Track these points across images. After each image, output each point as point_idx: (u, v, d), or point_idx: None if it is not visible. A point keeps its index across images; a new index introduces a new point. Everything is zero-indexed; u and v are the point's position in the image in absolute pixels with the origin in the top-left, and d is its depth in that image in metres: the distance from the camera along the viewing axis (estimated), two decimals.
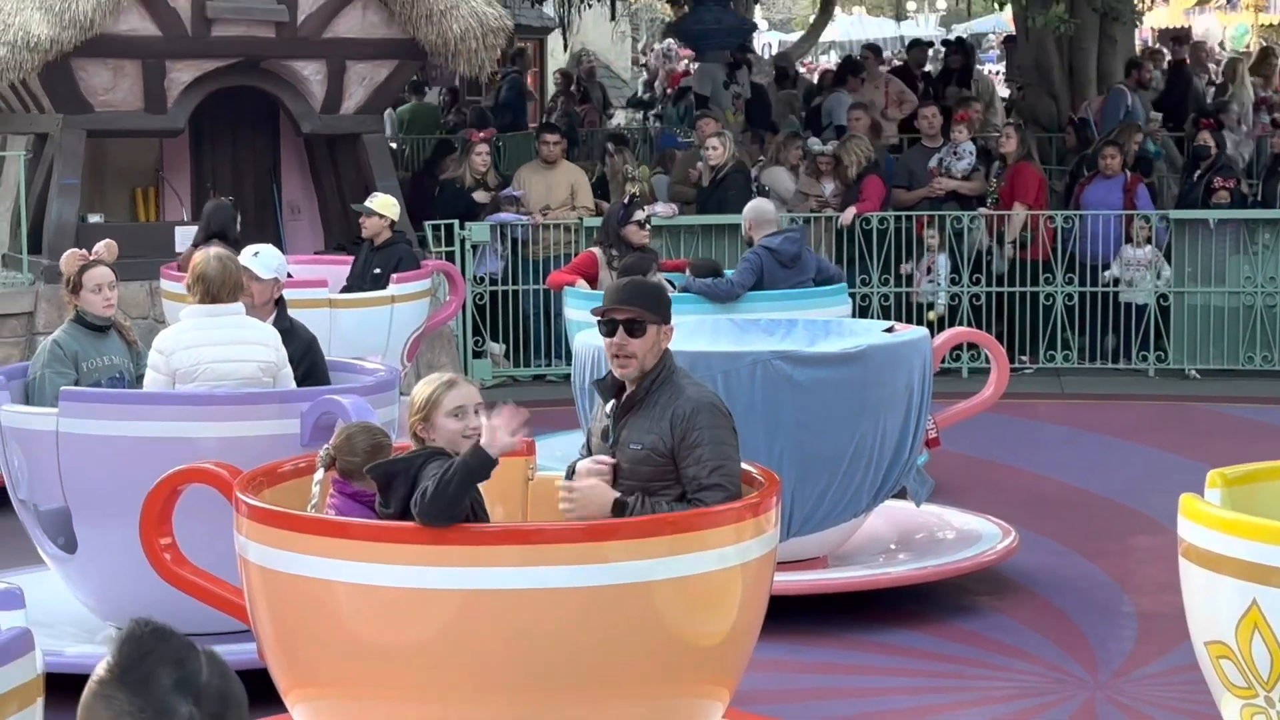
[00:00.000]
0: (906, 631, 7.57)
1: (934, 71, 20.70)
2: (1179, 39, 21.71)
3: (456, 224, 13.53)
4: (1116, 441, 11.61)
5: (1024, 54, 18.72)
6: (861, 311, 13.12)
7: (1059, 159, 17.23)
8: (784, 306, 9.56)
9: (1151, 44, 24.65)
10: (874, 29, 40.42)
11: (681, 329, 6.18)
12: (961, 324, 13.17)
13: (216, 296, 7.05)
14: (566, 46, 27.84)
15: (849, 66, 18.86)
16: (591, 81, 23.85)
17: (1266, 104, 18.72)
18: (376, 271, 10.99)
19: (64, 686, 4.31)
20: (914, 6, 46.54)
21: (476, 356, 13.72)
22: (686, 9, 21.52)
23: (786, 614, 6.99)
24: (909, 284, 13.93)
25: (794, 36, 34.97)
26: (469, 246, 13.59)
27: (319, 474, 5.55)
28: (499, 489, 5.58)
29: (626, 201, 11.10)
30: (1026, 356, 13.82)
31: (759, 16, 35.26)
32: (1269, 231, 13.60)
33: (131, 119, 12.51)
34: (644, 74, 31.09)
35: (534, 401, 12.05)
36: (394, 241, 11.19)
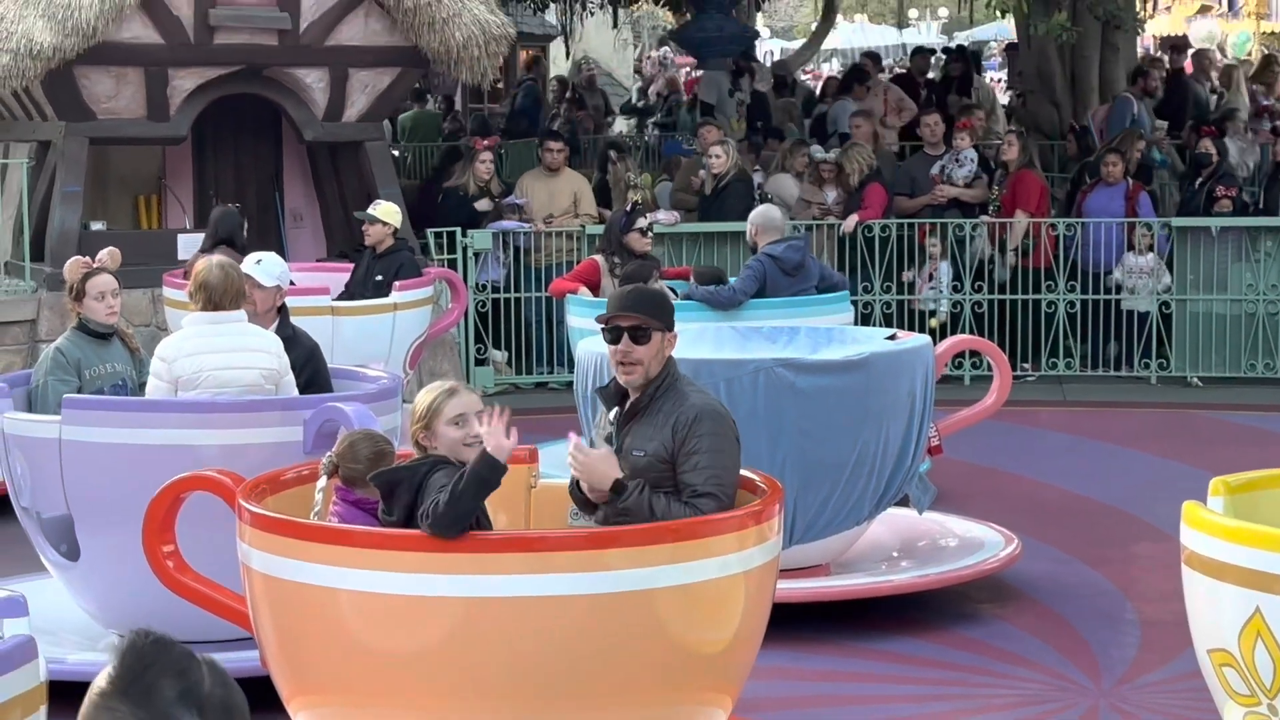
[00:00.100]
0: (909, 639, 7.57)
1: (936, 79, 20.70)
2: (1178, 47, 21.69)
3: (459, 231, 13.53)
4: (1118, 449, 11.60)
5: (1026, 61, 18.69)
6: (863, 319, 13.12)
7: (1061, 166, 17.22)
8: (786, 314, 9.56)
9: (1153, 52, 24.62)
10: (876, 37, 40.47)
11: (684, 336, 6.18)
12: (963, 331, 13.16)
13: (219, 304, 7.06)
14: (569, 54, 27.85)
15: (854, 74, 18.85)
16: (590, 89, 23.84)
17: (1269, 112, 18.69)
18: (378, 279, 10.98)
19: (66, 694, 4.29)
20: (916, 14, 46.55)
21: (479, 364, 13.71)
22: (689, 16, 21.53)
23: (789, 621, 6.98)
24: (911, 291, 13.92)
25: (796, 44, 34.96)
26: (471, 254, 13.59)
27: (322, 481, 5.55)
28: (502, 496, 5.56)
29: (629, 209, 11.09)
30: (1028, 364, 13.81)
31: (761, 24, 35.28)
32: (1271, 239, 13.59)
33: (134, 126, 12.52)
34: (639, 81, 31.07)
35: (536, 409, 12.10)
36: (396, 249, 11.17)
